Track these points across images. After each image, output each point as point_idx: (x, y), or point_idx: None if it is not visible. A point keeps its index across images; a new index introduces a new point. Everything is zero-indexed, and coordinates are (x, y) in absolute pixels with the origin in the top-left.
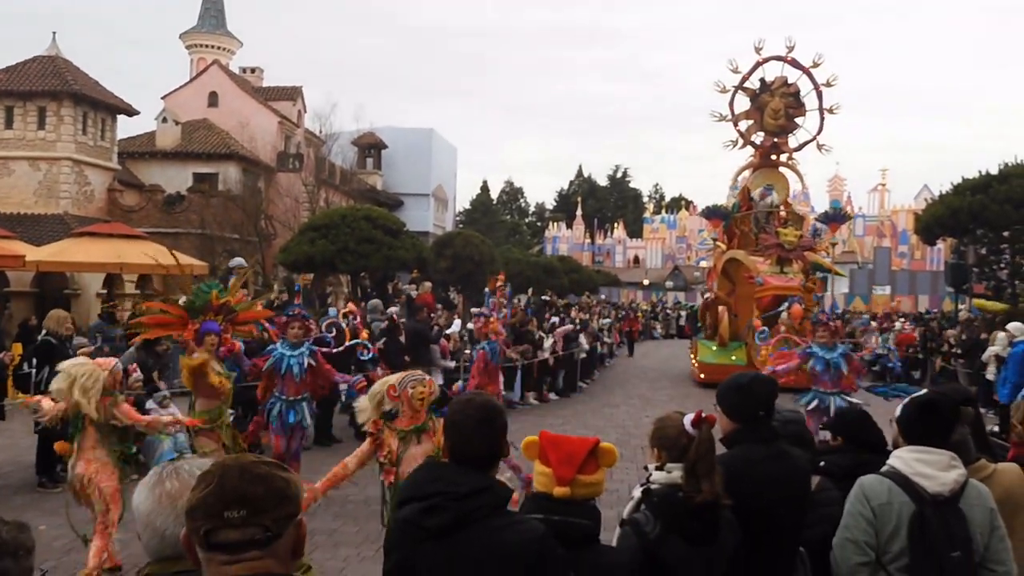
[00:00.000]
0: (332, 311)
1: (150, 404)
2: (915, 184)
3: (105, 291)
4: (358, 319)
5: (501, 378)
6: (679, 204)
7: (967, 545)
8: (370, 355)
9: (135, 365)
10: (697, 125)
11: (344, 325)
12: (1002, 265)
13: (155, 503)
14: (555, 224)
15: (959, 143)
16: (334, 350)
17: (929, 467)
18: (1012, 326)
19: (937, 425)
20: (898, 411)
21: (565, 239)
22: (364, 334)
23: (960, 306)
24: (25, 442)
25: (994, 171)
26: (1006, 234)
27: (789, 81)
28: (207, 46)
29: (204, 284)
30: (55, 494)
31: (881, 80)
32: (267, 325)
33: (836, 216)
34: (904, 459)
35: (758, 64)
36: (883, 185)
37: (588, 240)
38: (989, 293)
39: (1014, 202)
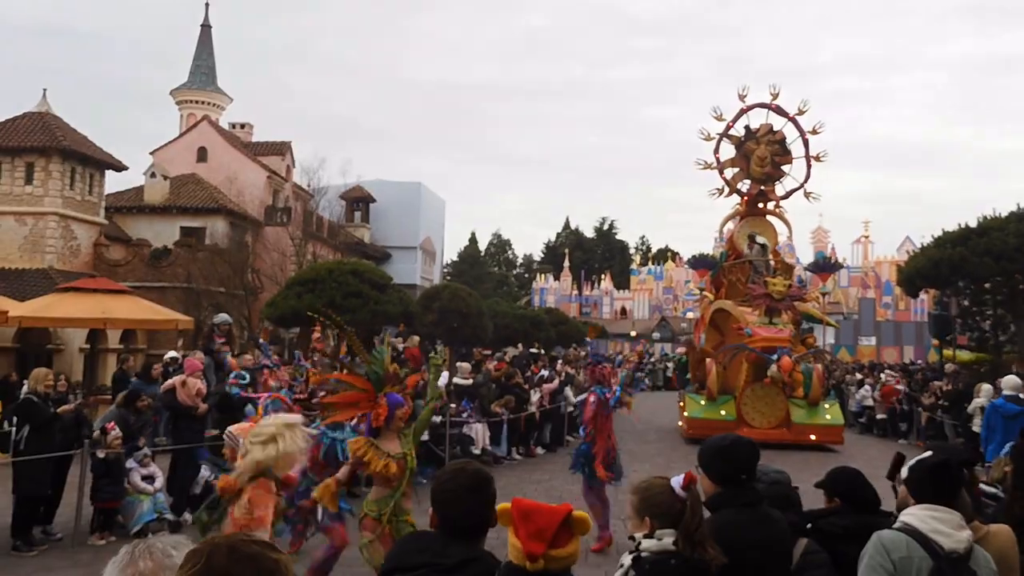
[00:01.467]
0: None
1: (131, 464)
2: (898, 235)
3: (88, 346)
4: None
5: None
6: (665, 255)
7: None
8: None
9: (112, 423)
10: (683, 178)
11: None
12: (985, 316)
13: None
14: (543, 276)
15: (940, 195)
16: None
17: (944, 525)
18: (1004, 381)
19: (948, 485)
20: (906, 471)
21: (553, 291)
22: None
23: (936, 357)
24: (0, 503)
25: (973, 224)
26: (988, 286)
27: (775, 128)
28: (197, 102)
29: (377, 349)
30: (30, 558)
31: (862, 133)
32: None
33: (826, 265)
34: (919, 516)
35: (743, 111)
36: (866, 236)
37: (575, 292)
38: (973, 344)
39: (993, 254)
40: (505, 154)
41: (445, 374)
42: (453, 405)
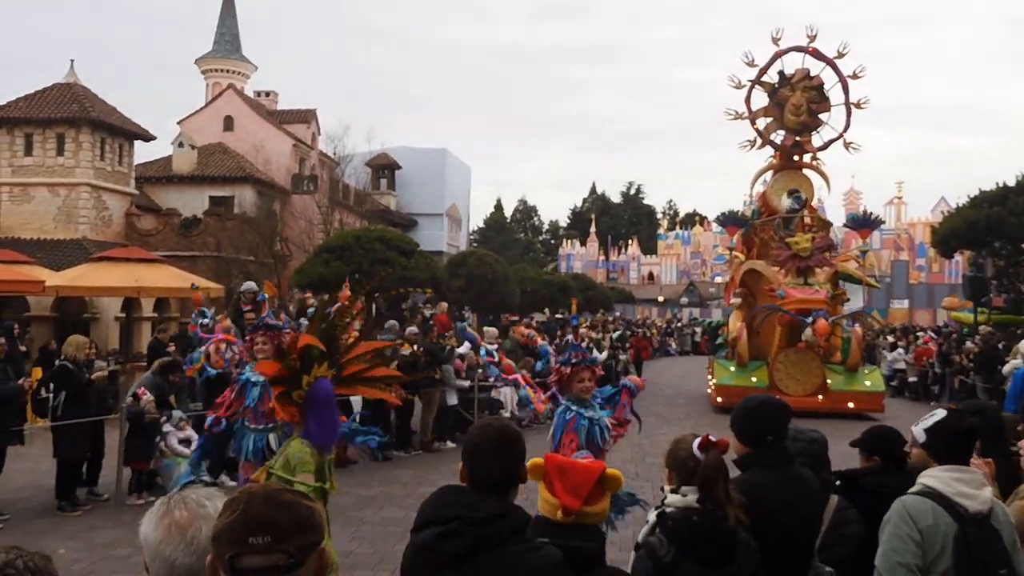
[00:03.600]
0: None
1: (167, 428)
2: (932, 197)
3: (124, 315)
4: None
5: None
6: (693, 220)
7: (1008, 562)
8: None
9: (144, 389)
10: (711, 141)
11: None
12: (1021, 277)
13: (164, 533)
14: (569, 242)
15: (976, 155)
16: None
17: (967, 486)
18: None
19: (967, 446)
20: (922, 433)
21: (579, 256)
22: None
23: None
24: (44, 466)
25: (1011, 183)
26: None
27: (811, 74)
28: (222, 71)
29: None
30: (74, 518)
31: (896, 92)
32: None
33: (865, 221)
34: (941, 478)
35: (777, 55)
36: (899, 198)
37: (602, 257)
38: (1009, 306)
39: None
40: (531, 119)
41: (467, 344)
42: (480, 370)
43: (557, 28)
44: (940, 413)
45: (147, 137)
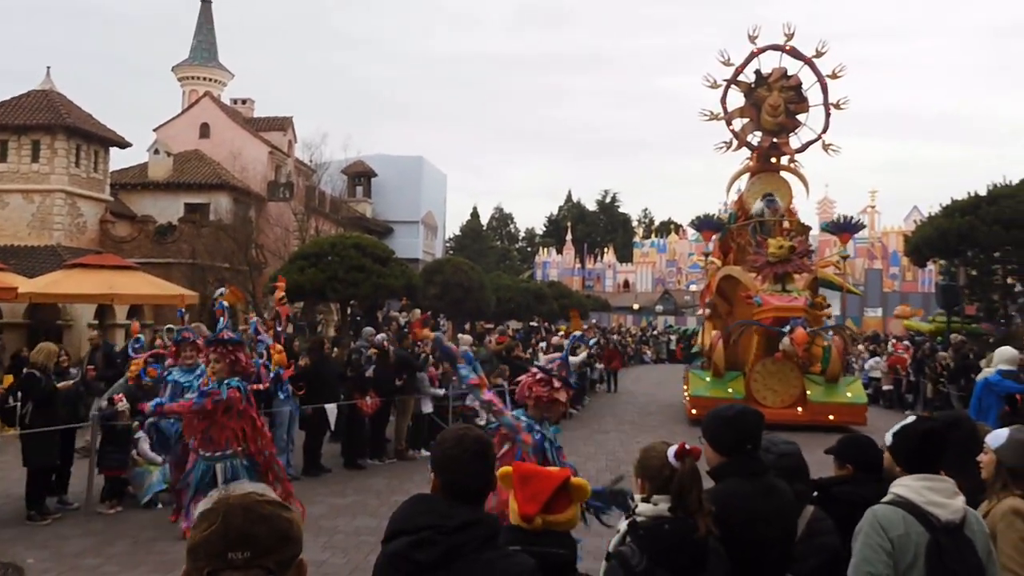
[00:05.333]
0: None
1: (140, 435)
2: (905, 206)
3: (97, 322)
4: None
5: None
6: (668, 228)
7: (980, 572)
8: (284, 395)
9: (121, 395)
10: (688, 150)
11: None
12: (994, 286)
13: None
14: (545, 249)
15: (949, 165)
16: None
17: (938, 495)
18: (998, 353)
19: (936, 452)
20: (890, 439)
21: (555, 264)
22: (279, 355)
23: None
24: (14, 474)
25: (983, 192)
26: (996, 255)
27: (789, 73)
28: (199, 78)
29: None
30: (44, 526)
31: (869, 102)
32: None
33: (846, 225)
34: (912, 487)
35: (753, 54)
36: (873, 207)
37: (578, 265)
38: (981, 315)
39: (1003, 223)
40: (510, 127)
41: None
42: (455, 379)
43: (539, 36)
44: (909, 419)
45: (123, 144)
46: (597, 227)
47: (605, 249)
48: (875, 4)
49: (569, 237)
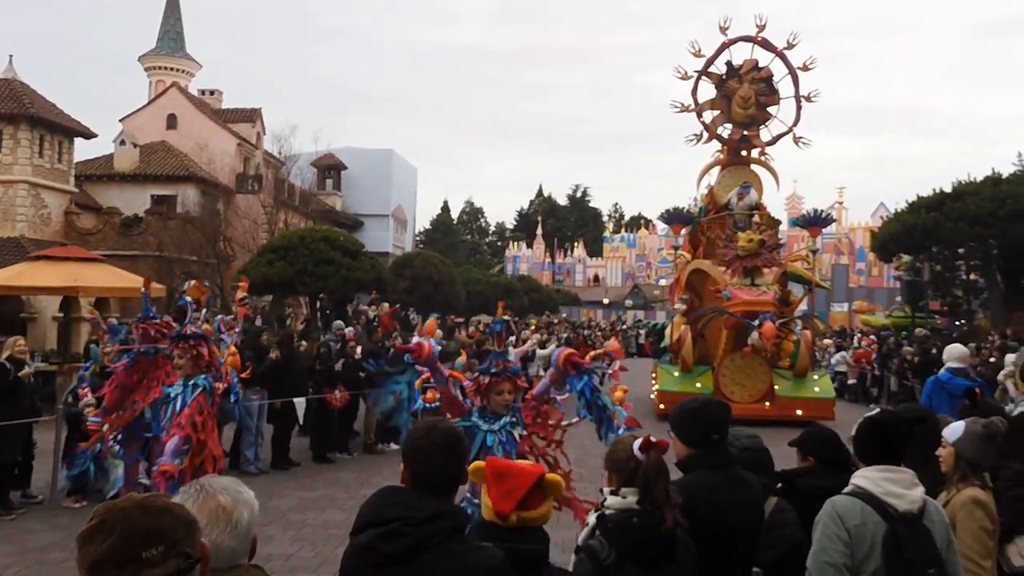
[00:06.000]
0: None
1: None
2: (872, 202)
3: (62, 315)
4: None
5: None
6: (638, 223)
7: (938, 562)
8: (234, 399)
9: (87, 388)
10: (661, 145)
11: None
12: (957, 283)
13: (210, 517)
14: (515, 244)
15: (914, 161)
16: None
17: (896, 486)
18: (948, 350)
19: (891, 444)
20: (854, 428)
21: (525, 258)
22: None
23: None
24: None
25: (948, 189)
26: (961, 251)
27: (760, 65)
28: (166, 68)
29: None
30: (8, 521)
31: (839, 98)
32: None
33: (816, 219)
34: (871, 478)
35: (724, 45)
36: (840, 203)
37: (548, 259)
38: (945, 309)
39: (967, 219)
40: (481, 121)
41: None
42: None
43: (517, 31)
44: (873, 413)
45: (88, 135)
46: (568, 222)
47: (575, 244)
48: (847, 2)
49: (540, 231)
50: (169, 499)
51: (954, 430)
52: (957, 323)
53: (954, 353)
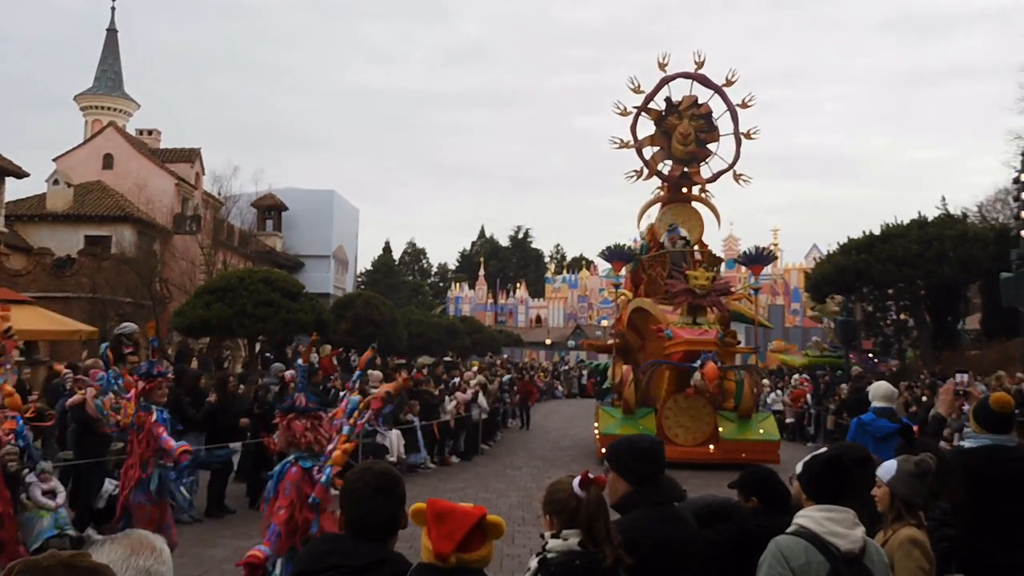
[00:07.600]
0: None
1: (30, 478)
2: (805, 244)
3: None
4: None
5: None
6: (580, 264)
7: None
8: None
9: (12, 435)
10: (602, 187)
11: None
12: (888, 322)
13: (132, 548)
14: (458, 285)
15: (846, 204)
16: None
17: (839, 525)
18: (873, 388)
19: (842, 482)
20: (799, 468)
21: (468, 300)
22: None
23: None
24: None
25: (877, 231)
26: (890, 291)
27: (700, 101)
28: (103, 108)
29: None
30: None
31: (772, 144)
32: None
33: (758, 256)
34: (814, 518)
35: (664, 81)
36: (775, 244)
37: (491, 300)
38: (877, 348)
39: (896, 261)
40: (423, 163)
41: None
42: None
43: (458, 73)
44: (820, 451)
45: (19, 174)
46: (510, 263)
47: (517, 284)
48: (780, 52)
49: (482, 272)
50: (88, 559)
51: (887, 469)
52: (872, 360)
53: (879, 392)
